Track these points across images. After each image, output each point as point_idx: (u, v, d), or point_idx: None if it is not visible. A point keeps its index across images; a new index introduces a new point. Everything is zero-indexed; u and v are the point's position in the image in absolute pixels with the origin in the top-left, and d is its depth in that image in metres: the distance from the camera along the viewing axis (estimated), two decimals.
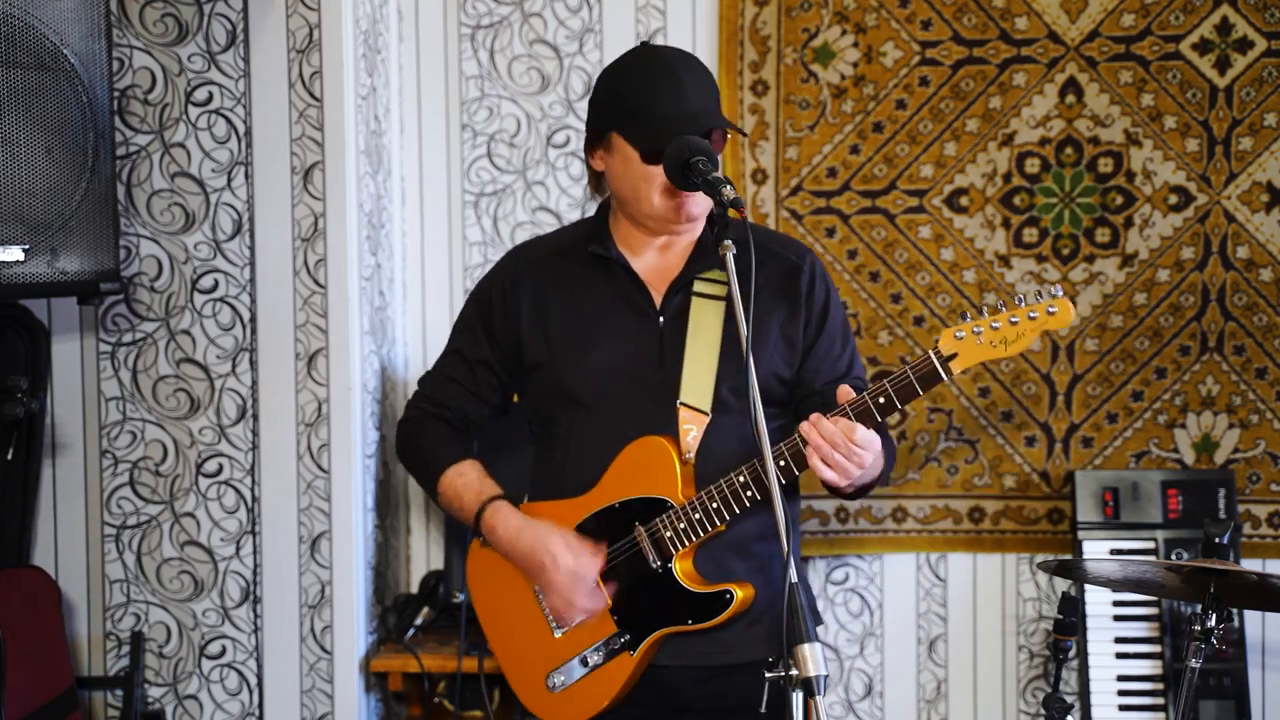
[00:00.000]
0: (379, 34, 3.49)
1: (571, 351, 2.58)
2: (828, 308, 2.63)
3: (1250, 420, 3.49)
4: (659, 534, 2.49)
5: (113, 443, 3.33)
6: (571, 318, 2.60)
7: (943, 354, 2.34)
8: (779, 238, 2.74)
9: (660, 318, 2.55)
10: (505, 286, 2.65)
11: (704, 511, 2.45)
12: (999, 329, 2.32)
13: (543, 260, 2.67)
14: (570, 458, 2.60)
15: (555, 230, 2.86)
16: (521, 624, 2.62)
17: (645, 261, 2.59)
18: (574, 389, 2.57)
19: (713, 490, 2.44)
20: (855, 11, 3.52)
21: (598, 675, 2.55)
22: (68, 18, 2.76)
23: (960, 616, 3.61)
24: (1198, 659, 2.35)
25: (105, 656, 3.36)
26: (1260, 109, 3.44)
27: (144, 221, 3.29)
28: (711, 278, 2.55)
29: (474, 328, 2.69)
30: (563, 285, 2.62)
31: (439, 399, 2.72)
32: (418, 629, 3.44)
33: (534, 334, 2.61)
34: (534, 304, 2.62)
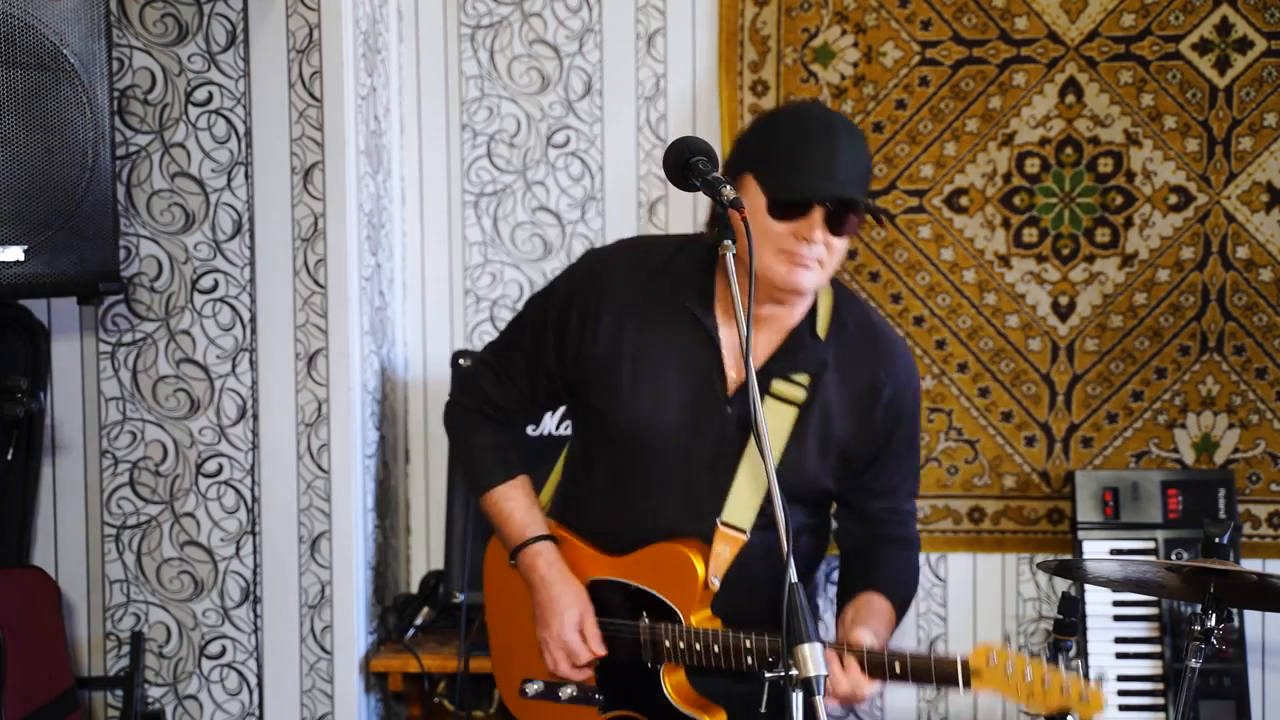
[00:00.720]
0: (379, 34, 3.49)
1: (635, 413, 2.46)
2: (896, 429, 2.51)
3: (1250, 420, 3.49)
4: (659, 639, 2.46)
5: (113, 443, 3.33)
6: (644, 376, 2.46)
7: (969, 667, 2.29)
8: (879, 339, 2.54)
9: (727, 408, 2.44)
10: (589, 305, 2.49)
11: (705, 648, 2.41)
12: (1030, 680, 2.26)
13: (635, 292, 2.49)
14: (599, 500, 2.55)
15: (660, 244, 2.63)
16: (519, 630, 2.62)
17: (734, 336, 2.44)
18: (626, 449, 2.49)
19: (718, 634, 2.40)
20: (855, 11, 3.52)
21: (566, 709, 2.57)
22: (68, 18, 2.76)
23: (960, 616, 3.61)
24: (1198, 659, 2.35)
25: (105, 656, 3.36)
26: (1260, 109, 3.44)
27: (144, 221, 3.29)
28: (794, 380, 2.45)
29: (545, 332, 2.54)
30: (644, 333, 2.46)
31: (493, 396, 2.60)
32: (418, 629, 3.44)
33: (602, 377, 2.48)
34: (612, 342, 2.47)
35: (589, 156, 3.62)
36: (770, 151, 2.38)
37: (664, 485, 2.47)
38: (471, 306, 3.67)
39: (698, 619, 2.45)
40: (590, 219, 3.63)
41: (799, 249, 2.35)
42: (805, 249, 2.34)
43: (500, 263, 3.66)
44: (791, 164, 2.34)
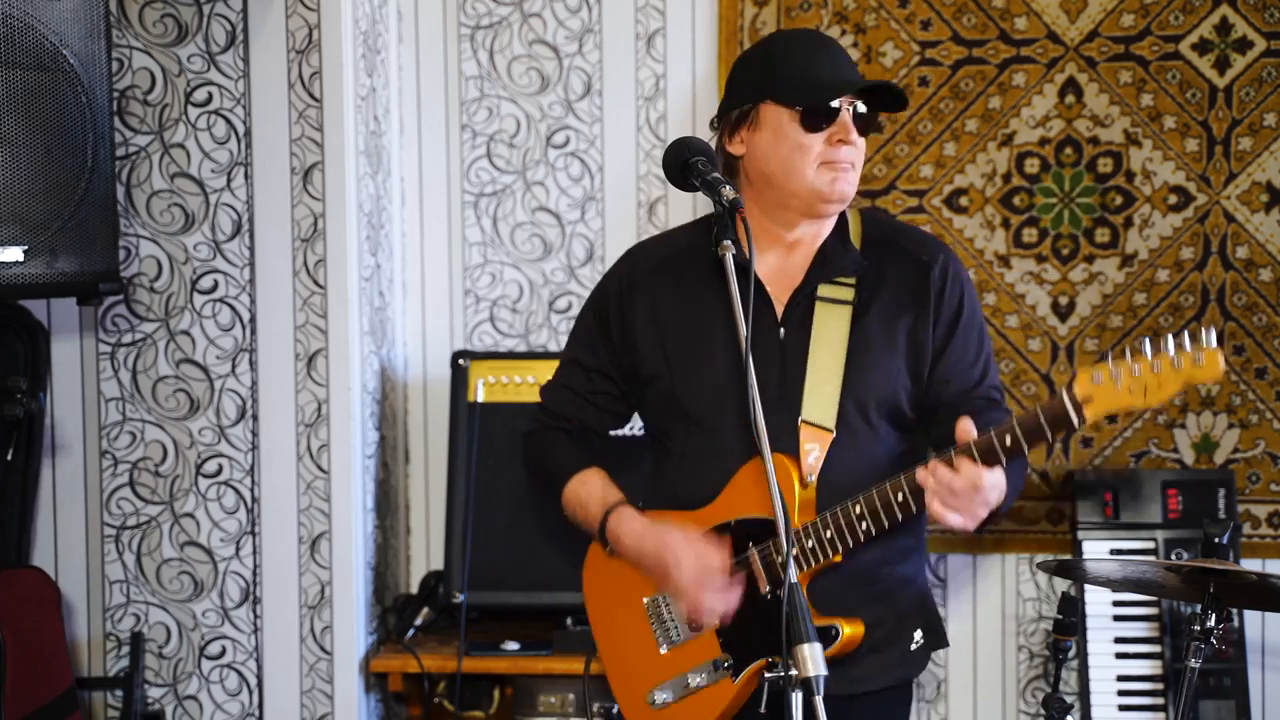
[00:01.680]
0: (378, 34, 3.49)
1: (687, 365, 2.47)
2: (960, 310, 2.48)
3: (1250, 420, 3.49)
4: (770, 558, 2.39)
5: (113, 443, 3.33)
6: (687, 328, 2.48)
7: (1077, 397, 2.17)
8: (910, 233, 2.59)
9: (782, 329, 2.44)
10: (622, 293, 2.54)
11: (818, 540, 2.34)
12: (1139, 375, 2.14)
13: (660, 264, 2.54)
14: (683, 472, 2.51)
15: (677, 228, 2.70)
16: (629, 637, 2.55)
17: (768, 264, 2.46)
18: (688, 403, 2.47)
19: (828, 518, 2.34)
20: (855, 11, 3.52)
21: (699, 697, 2.46)
22: (67, 18, 2.76)
23: (960, 616, 3.61)
24: (1197, 659, 2.35)
25: (105, 657, 3.36)
26: (1260, 109, 3.44)
27: (144, 222, 3.29)
28: (839, 281, 2.44)
29: (591, 335, 2.59)
30: (680, 292, 2.50)
31: (557, 410, 2.63)
32: (417, 629, 3.44)
33: (650, 344, 2.50)
34: (650, 313, 2.51)
35: (589, 157, 3.62)
36: (783, 72, 2.41)
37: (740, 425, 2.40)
38: (471, 307, 3.67)
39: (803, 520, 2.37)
40: (590, 219, 3.63)
41: (837, 155, 2.38)
42: (844, 151, 2.38)
43: (500, 263, 3.66)
44: (810, 75, 2.38)
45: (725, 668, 2.45)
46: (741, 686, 2.44)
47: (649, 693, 2.52)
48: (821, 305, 2.44)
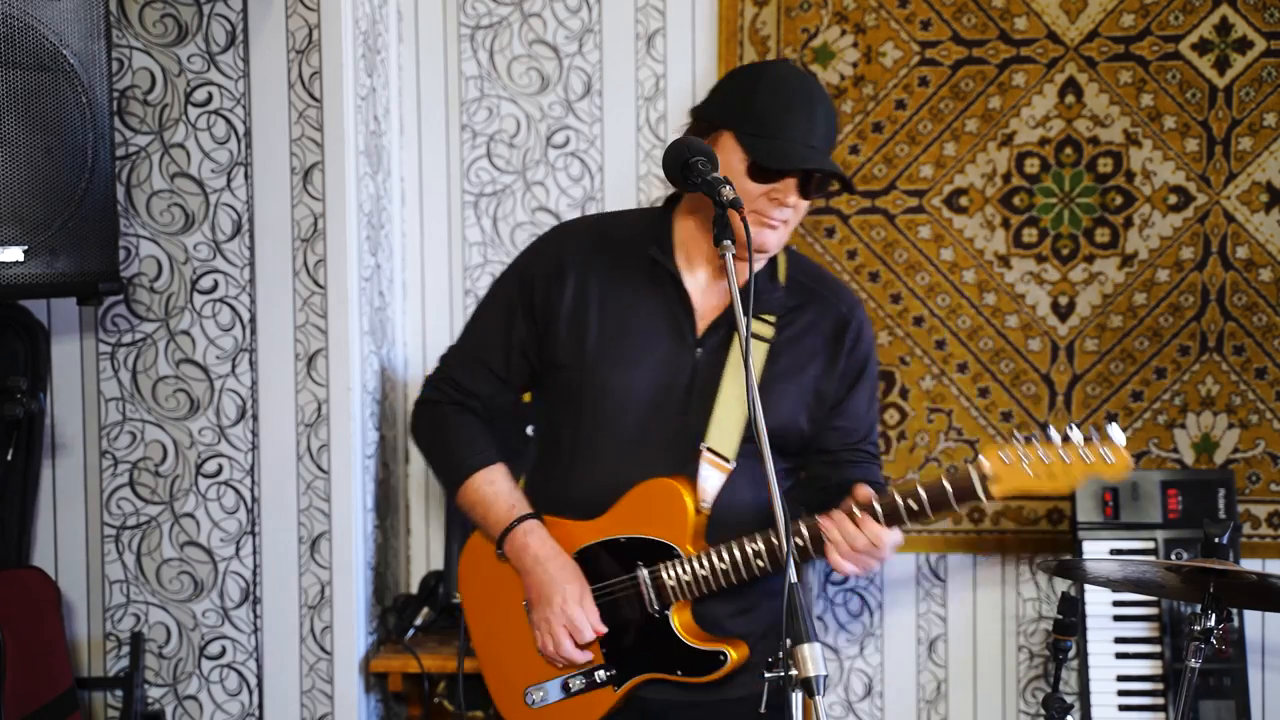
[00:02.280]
0: (378, 34, 3.49)
1: (602, 363, 2.47)
2: (866, 365, 2.55)
3: (1250, 420, 3.49)
4: (660, 579, 2.43)
5: (112, 443, 3.33)
6: (611, 325, 2.48)
7: (984, 473, 2.25)
8: (830, 281, 2.63)
9: (698, 349, 2.46)
10: (551, 267, 2.50)
11: (711, 570, 2.38)
12: (1048, 463, 2.21)
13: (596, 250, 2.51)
14: (575, 471, 2.51)
15: (610, 214, 2.69)
16: (509, 634, 2.57)
17: (699, 280, 2.48)
18: (595, 402, 2.47)
19: (723, 550, 2.38)
20: (855, 12, 3.52)
21: (577, 702, 2.50)
22: (67, 18, 2.76)
23: (960, 616, 3.61)
24: (1197, 659, 2.35)
25: (105, 657, 3.36)
26: (1260, 109, 3.44)
27: (144, 222, 3.29)
28: (762, 318, 2.48)
29: (512, 306, 2.53)
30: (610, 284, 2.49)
31: (467, 384, 2.57)
32: (418, 629, 3.44)
33: (570, 328, 2.48)
34: (577, 297, 2.48)
35: (589, 157, 3.62)
36: (751, 112, 2.39)
37: (639, 435, 2.45)
38: (471, 307, 3.67)
39: (695, 547, 2.41)
40: None
41: (770, 210, 2.39)
42: (776, 211, 2.38)
43: (500, 263, 3.65)
44: (774, 129, 2.37)
45: (608, 677, 2.48)
46: (621, 697, 2.47)
47: (526, 690, 2.53)
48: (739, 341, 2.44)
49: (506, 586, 2.57)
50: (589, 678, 2.50)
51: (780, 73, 2.46)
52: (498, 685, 2.61)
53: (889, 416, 3.56)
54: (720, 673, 2.41)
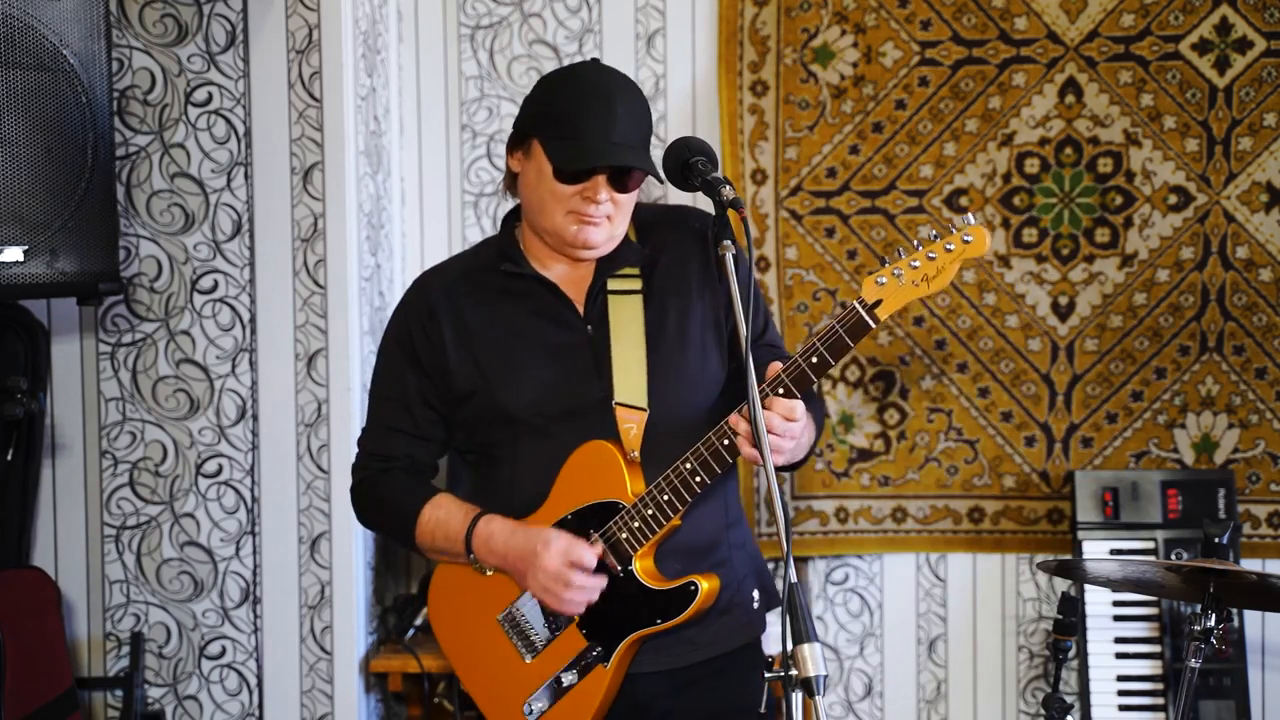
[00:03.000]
0: (378, 34, 3.49)
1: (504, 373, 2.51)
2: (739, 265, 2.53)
3: (1250, 420, 3.49)
4: (615, 537, 2.44)
5: (112, 443, 3.33)
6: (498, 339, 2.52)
7: (867, 301, 2.30)
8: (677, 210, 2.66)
9: (588, 326, 2.50)
10: (423, 318, 2.57)
11: (656, 506, 2.40)
12: (919, 267, 2.27)
13: (454, 285, 2.58)
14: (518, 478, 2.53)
15: (460, 253, 2.76)
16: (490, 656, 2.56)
17: (558, 273, 2.53)
18: (512, 410, 2.50)
19: (661, 483, 2.40)
20: (855, 12, 3.52)
21: (575, 695, 2.51)
22: (67, 18, 2.76)
23: (960, 617, 3.61)
24: (1197, 659, 2.35)
25: (105, 657, 3.36)
26: (1260, 109, 3.44)
27: (144, 222, 3.29)
28: (624, 274, 2.52)
29: (400, 369, 2.59)
30: (481, 307, 2.55)
31: (385, 453, 2.62)
32: (417, 629, 3.44)
33: (461, 361, 2.53)
34: (456, 331, 2.54)
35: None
36: (551, 118, 2.43)
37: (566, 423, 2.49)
38: None
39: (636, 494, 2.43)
40: None
41: (586, 209, 2.42)
42: (592, 209, 2.42)
43: None
44: (571, 131, 2.40)
45: (595, 656, 2.48)
46: (615, 669, 2.48)
47: (524, 704, 2.54)
48: (614, 298, 2.51)
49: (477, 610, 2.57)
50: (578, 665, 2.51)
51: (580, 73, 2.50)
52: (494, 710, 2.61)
53: (889, 416, 3.56)
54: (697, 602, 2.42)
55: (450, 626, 2.65)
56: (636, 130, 2.43)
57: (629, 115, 2.42)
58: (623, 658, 2.48)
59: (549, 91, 2.48)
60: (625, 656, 2.49)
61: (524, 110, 2.51)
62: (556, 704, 2.53)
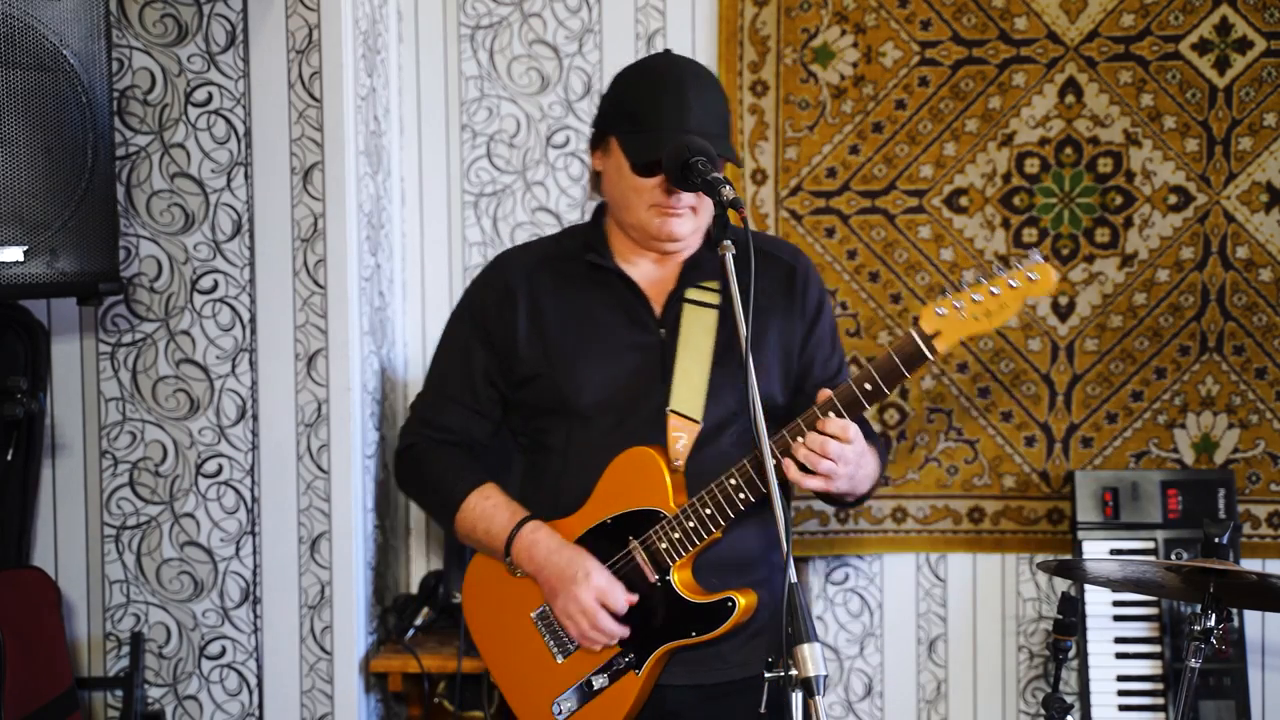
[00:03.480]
0: (378, 34, 3.49)
1: (570, 362, 2.52)
2: (821, 308, 2.59)
3: (1250, 420, 3.49)
4: (654, 546, 2.44)
5: (112, 443, 3.33)
6: (570, 327, 2.53)
7: (926, 332, 2.28)
8: (769, 240, 2.69)
9: (661, 329, 2.51)
10: (500, 294, 2.59)
11: (698, 519, 2.39)
12: (980, 301, 2.25)
13: (537, 267, 2.60)
14: (567, 471, 2.54)
15: (545, 237, 2.77)
16: (522, 654, 2.57)
17: (642, 272, 2.55)
18: (573, 400, 2.51)
19: (704, 495, 2.39)
20: (855, 12, 3.52)
21: (605, 699, 2.50)
22: (67, 18, 2.76)
23: (960, 616, 3.61)
24: (1197, 659, 2.35)
25: (105, 657, 3.36)
26: (1260, 109, 3.44)
27: (144, 222, 3.29)
28: (706, 286, 2.52)
29: (468, 342, 2.61)
30: (559, 294, 2.56)
31: (441, 422, 2.64)
32: (417, 629, 3.44)
33: (531, 344, 2.54)
34: (530, 313, 2.55)
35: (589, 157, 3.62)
36: (625, 113, 2.45)
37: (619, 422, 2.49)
38: None
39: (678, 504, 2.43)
40: None
41: (668, 200, 2.43)
42: (675, 199, 2.43)
43: None
44: (645, 122, 2.41)
45: (627, 662, 2.48)
46: (646, 677, 2.47)
47: (553, 704, 2.54)
48: (689, 307, 2.51)
49: (513, 604, 2.57)
50: (610, 669, 2.50)
51: (651, 65, 2.51)
52: (523, 707, 2.60)
53: (889, 416, 3.56)
54: (733, 620, 2.41)
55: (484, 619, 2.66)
56: (712, 117, 2.43)
57: (702, 103, 2.41)
58: (654, 667, 2.47)
59: (622, 87, 2.49)
60: (657, 666, 2.48)
61: (600, 108, 2.53)
62: (585, 706, 2.52)
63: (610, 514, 2.48)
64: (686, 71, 2.46)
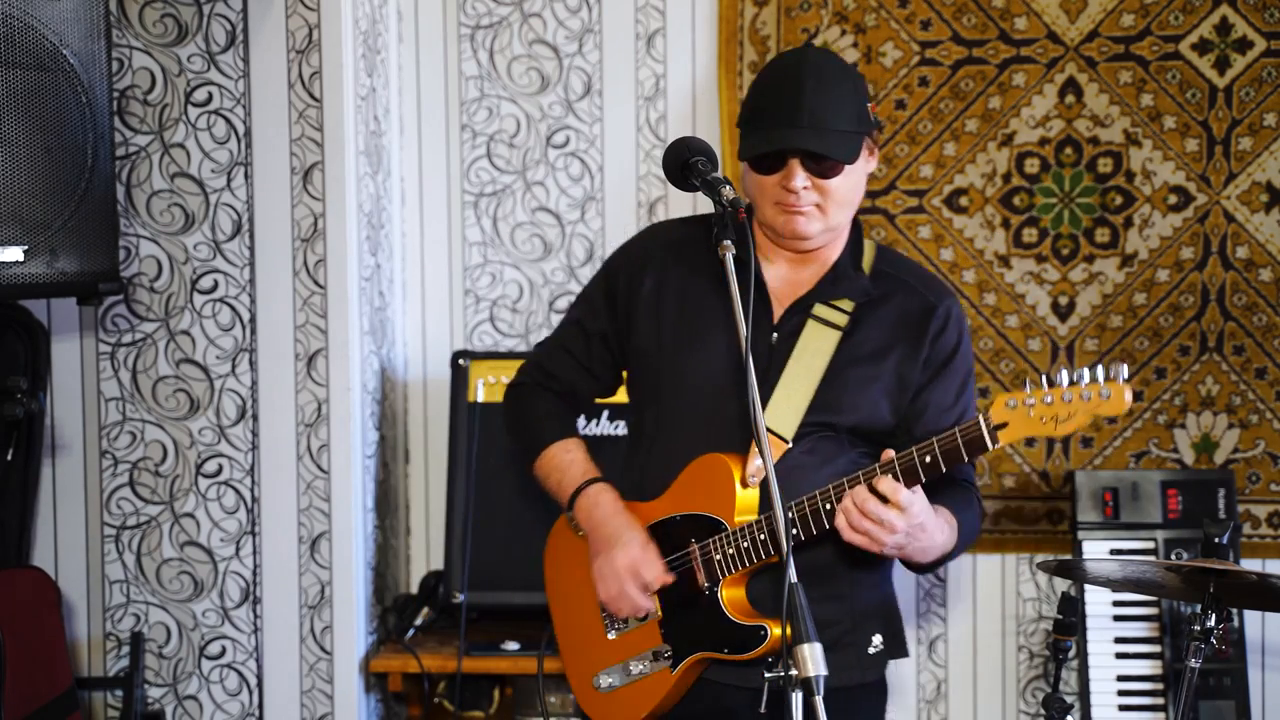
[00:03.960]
0: (378, 34, 3.49)
1: (679, 345, 2.49)
2: (955, 355, 2.50)
3: (1250, 420, 3.49)
4: (710, 555, 2.42)
5: (112, 443, 3.33)
6: (689, 310, 2.50)
7: (992, 422, 2.25)
8: (922, 273, 2.60)
9: (774, 334, 2.46)
10: (634, 262, 2.56)
11: (751, 541, 2.37)
12: (1051, 404, 2.22)
13: (678, 244, 2.56)
14: (653, 457, 2.53)
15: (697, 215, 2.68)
16: (581, 621, 2.59)
17: (777, 271, 2.49)
18: (672, 385, 2.49)
19: (762, 521, 2.37)
20: (855, 11, 3.52)
21: (640, 685, 2.51)
22: (67, 18, 2.76)
23: (960, 616, 3.61)
24: (1197, 659, 2.35)
25: (105, 657, 3.36)
26: (1260, 109, 3.44)
27: (144, 222, 3.29)
28: (838, 305, 2.46)
29: (596, 299, 2.60)
30: (688, 278, 2.52)
31: (550, 369, 2.64)
32: (417, 629, 3.44)
33: (649, 317, 2.52)
34: (657, 287, 2.53)
35: (589, 157, 3.62)
36: (749, 110, 2.43)
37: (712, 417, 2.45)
38: (471, 306, 3.67)
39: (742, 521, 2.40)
40: (590, 219, 3.63)
41: (789, 198, 2.39)
42: (793, 198, 2.38)
43: (500, 263, 3.66)
44: (759, 119, 2.39)
45: (665, 658, 2.49)
46: (680, 677, 2.48)
47: (595, 676, 2.57)
48: (812, 322, 2.46)
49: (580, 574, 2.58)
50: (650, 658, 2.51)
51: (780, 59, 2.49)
52: (572, 669, 2.64)
53: None
54: (760, 649, 2.40)
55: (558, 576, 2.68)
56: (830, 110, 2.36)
57: (820, 95, 2.36)
58: (689, 669, 2.47)
59: (753, 84, 2.47)
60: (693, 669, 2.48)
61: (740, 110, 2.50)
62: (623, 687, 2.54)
63: (679, 511, 2.48)
64: (806, 62, 2.40)
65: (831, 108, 2.36)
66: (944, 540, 2.40)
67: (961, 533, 2.45)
